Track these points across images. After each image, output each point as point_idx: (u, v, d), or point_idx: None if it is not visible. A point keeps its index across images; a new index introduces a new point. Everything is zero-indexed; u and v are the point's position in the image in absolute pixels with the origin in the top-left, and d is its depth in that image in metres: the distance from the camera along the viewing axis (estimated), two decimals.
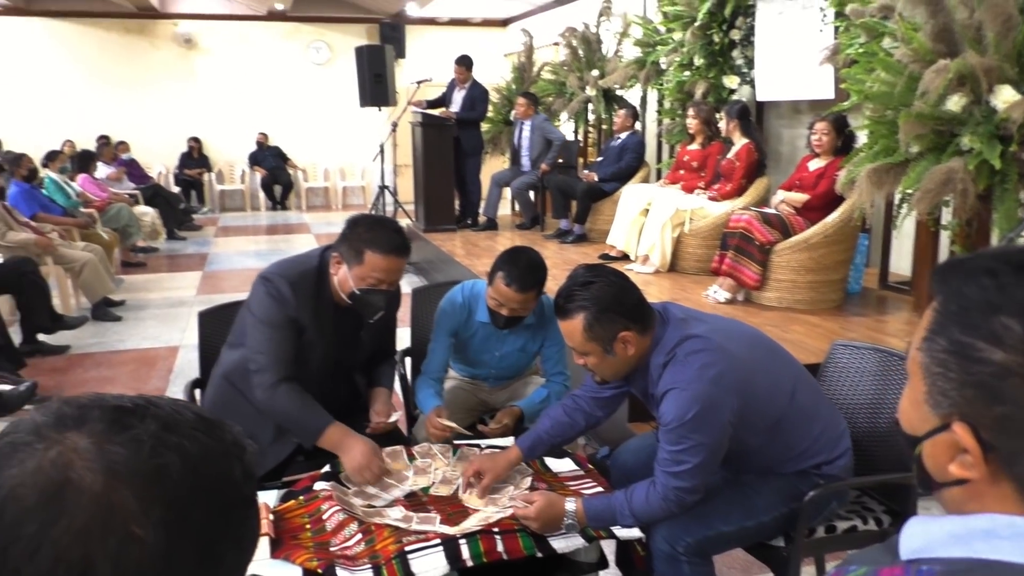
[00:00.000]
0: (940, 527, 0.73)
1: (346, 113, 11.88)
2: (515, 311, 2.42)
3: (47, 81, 11.65)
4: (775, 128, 6.51)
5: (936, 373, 0.74)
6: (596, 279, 1.86)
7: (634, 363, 1.88)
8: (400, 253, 2.19)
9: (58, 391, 4.36)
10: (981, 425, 0.71)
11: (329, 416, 2.15)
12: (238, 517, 0.62)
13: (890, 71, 3.25)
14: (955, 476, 0.74)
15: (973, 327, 0.71)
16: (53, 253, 5.73)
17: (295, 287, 2.19)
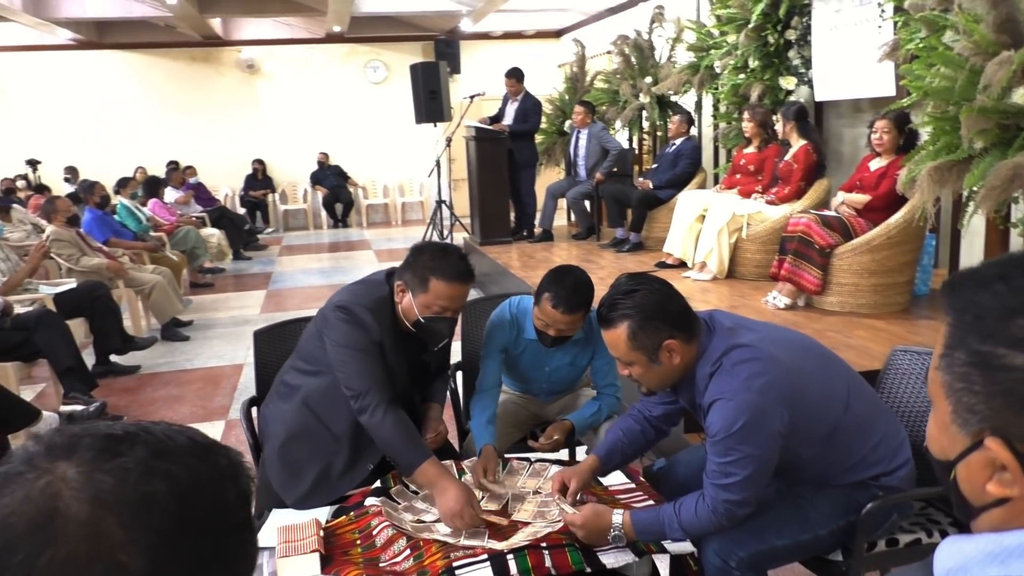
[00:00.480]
0: (975, 545, 0.70)
1: (403, 130, 12.06)
2: (562, 331, 2.40)
3: (119, 110, 12.14)
4: (835, 128, 6.35)
5: (960, 389, 0.70)
6: (640, 287, 1.83)
7: (680, 373, 1.85)
8: (465, 280, 2.20)
9: (128, 410, 4.51)
10: (1016, 436, 0.67)
11: (429, 451, 2.13)
12: (232, 542, 0.62)
13: (950, 65, 3.13)
14: (994, 496, 0.70)
15: (991, 334, 0.68)
16: (124, 277, 5.95)
17: (375, 314, 2.20)
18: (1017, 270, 0.69)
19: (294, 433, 2.28)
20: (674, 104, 7.42)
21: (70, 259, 5.77)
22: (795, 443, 1.78)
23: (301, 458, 2.25)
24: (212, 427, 4.19)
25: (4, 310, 4.30)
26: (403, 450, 2.11)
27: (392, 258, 9.04)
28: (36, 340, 4.20)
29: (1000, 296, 0.68)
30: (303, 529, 1.94)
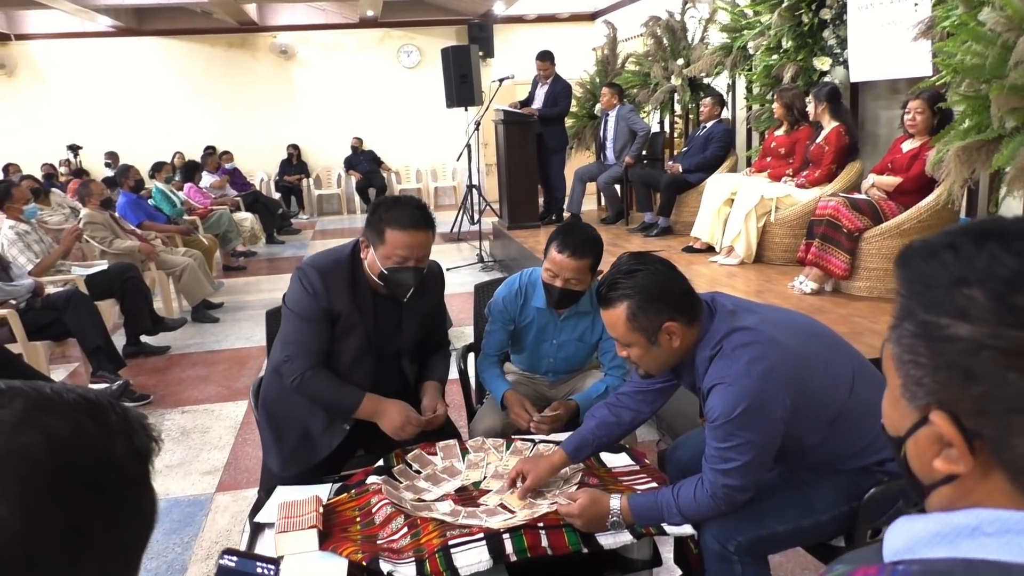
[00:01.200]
0: (923, 525, 0.66)
1: (437, 115, 12.05)
2: (569, 283, 2.37)
3: (158, 96, 12.32)
4: (872, 110, 6.18)
5: (907, 362, 0.67)
6: (641, 267, 1.79)
7: (679, 356, 1.81)
8: (419, 227, 2.20)
9: (156, 389, 4.59)
10: (961, 411, 0.64)
11: (361, 391, 2.25)
12: (118, 497, 0.62)
13: (982, 41, 3.02)
14: (942, 473, 0.67)
15: (937, 304, 0.64)
16: (155, 259, 6.05)
17: (325, 276, 2.24)
18: (967, 239, 0.65)
19: (272, 400, 2.36)
20: (706, 86, 7.29)
21: (103, 241, 5.88)
22: (798, 428, 1.74)
23: (280, 424, 2.33)
24: (236, 407, 4.25)
25: (35, 291, 4.39)
26: (336, 398, 2.25)
27: None
28: (66, 320, 4.29)
29: (948, 266, 0.65)
30: (303, 505, 1.94)
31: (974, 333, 0.62)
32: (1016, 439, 0.61)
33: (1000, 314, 0.61)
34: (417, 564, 1.73)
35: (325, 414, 2.31)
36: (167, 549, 2.85)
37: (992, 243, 0.64)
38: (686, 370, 1.86)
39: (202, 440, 3.84)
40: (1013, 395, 0.61)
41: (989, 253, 0.63)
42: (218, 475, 3.45)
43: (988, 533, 0.62)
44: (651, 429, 3.62)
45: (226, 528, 2.98)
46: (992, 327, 0.61)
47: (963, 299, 0.63)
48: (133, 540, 0.64)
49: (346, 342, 2.29)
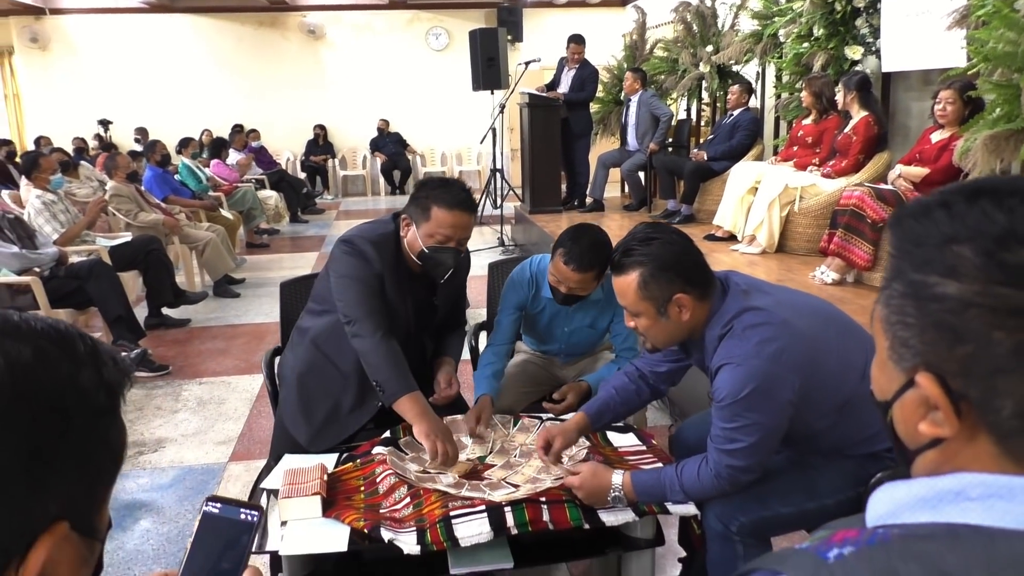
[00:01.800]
0: (907, 490, 0.65)
1: (464, 98, 12.02)
2: (573, 290, 2.36)
3: (188, 73, 12.42)
4: (903, 101, 6.07)
5: (895, 323, 0.65)
6: (657, 236, 1.77)
7: (687, 331, 1.79)
8: (465, 208, 2.19)
9: (175, 360, 4.65)
10: (947, 372, 0.62)
11: (415, 385, 2.14)
12: (83, 425, 0.62)
13: (1015, 29, 2.95)
14: (927, 436, 0.65)
15: (927, 263, 0.63)
16: (179, 233, 6.11)
17: (378, 247, 2.22)
18: (959, 197, 0.63)
19: (303, 372, 2.33)
20: (735, 74, 7.21)
21: (128, 214, 5.95)
22: (807, 412, 1.71)
23: (311, 397, 2.30)
24: (252, 379, 4.29)
25: (59, 259, 4.45)
26: (390, 378, 2.12)
27: None
28: (88, 289, 4.35)
29: (939, 223, 0.63)
30: (308, 473, 1.95)
31: (962, 291, 0.60)
32: (1002, 400, 0.60)
33: (989, 271, 0.59)
34: (418, 533, 1.74)
35: (358, 391, 2.26)
36: (179, 515, 2.89)
37: (984, 200, 0.62)
38: (695, 347, 1.84)
39: (218, 411, 3.89)
40: (1000, 355, 0.59)
41: (981, 210, 0.61)
42: (232, 445, 3.48)
43: (972, 498, 0.60)
44: (663, 413, 3.61)
45: (237, 496, 3.01)
46: (980, 284, 0.59)
47: (952, 257, 0.61)
48: (98, 471, 0.65)
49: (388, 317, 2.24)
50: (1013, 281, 0.59)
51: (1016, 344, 0.58)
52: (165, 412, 3.89)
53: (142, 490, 3.10)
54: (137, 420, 3.79)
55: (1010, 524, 0.58)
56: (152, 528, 2.80)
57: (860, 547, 0.62)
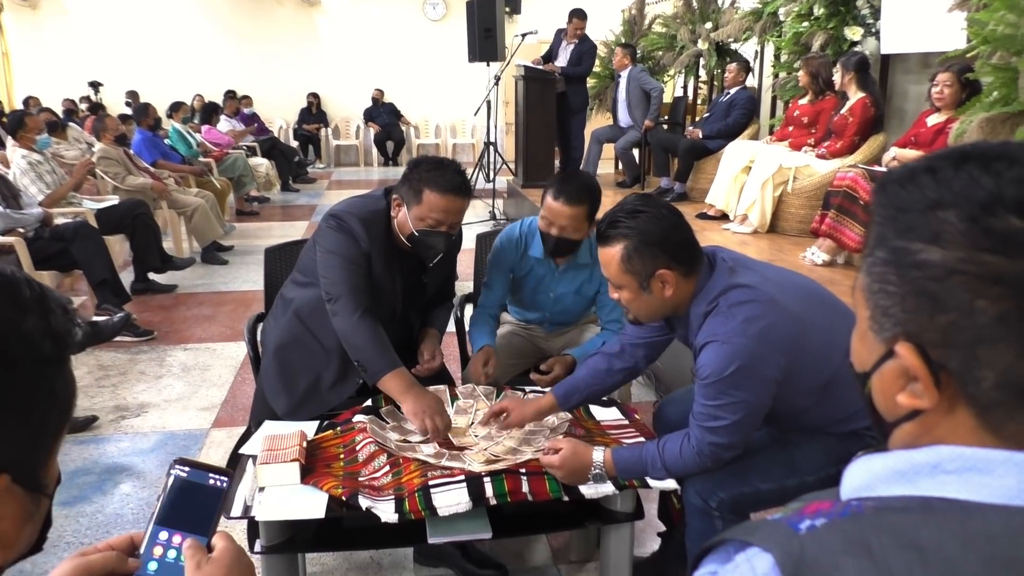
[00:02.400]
0: (883, 463, 0.63)
1: (460, 70, 11.92)
2: (564, 231, 2.33)
3: (180, 37, 12.26)
4: (901, 84, 6.02)
5: (877, 291, 0.64)
6: (645, 209, 1.72)
7: (671, 307, 1.77)
8: (459, 193, 2.15)
9: (161, 326, 4.61)
10: (928, 342, 0.60)
11: (399, 362, 2.11)
12: (26, 372, 0.59)
13: (1015, 11, 2.91)
14: (906, 408, 0.63)
15: (910, 229, 0.60)
16: (167, 198, 6.04)
17: (366, 225, 2.19)
18: (946, 162, 0.61)
19: (286, 344, 2.29)
20: (733, 52, 7.14)
21: (116, 177, 5.88)
22: (791, 391, 1.70)
23: (292, 369, 2.26)
24: (238, 347, 4.26)
25: (44, 221, 4.40)
26: (372, 357, 2.09)
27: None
28: (73, 251, 4.31)
29: (924, 188, 0.61)
30: (287, 439, 1.94)
31: (945, 257, 0.58)
32: (983, 372, 0.58)
33: (973, 237, 0.57)
34: (396, 502, 1.73)
35: (339, 366, 2.23)
36: (160, 480, 2.87)
37: (971, 165, 0.59)
38: (680, 323, 1.82)
39: (202, 377, 3.86)
40: (982, 324, 0.57)
41: (967, 174, 0.59)
42: (215, 411, 3.46)
43: (948, 471, 0.59)
44: (648, 389, 3.60)
45: (219, 462, 2.98)
46: (964, 251, 0.57)
47: (937, 222, 0.59)
48: (43, 420, 0.62)
49: (375, 295, 2.22)
50: (998, 248, 0.56)
51: (1000, 313, 0.56)
52: (149, 377, 3.86)
53: (123, 454, 3.08)
54: (120, 384, 3.76)
55: (986, 498, 0.57)
56: (132, 492, 2.79)
57: (832, 519, 0.61)
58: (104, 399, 3.59)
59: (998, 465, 0.57)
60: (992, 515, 0.55)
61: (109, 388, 3.71)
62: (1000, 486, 0.56)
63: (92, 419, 3.31)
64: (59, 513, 2.63)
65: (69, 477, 2.88)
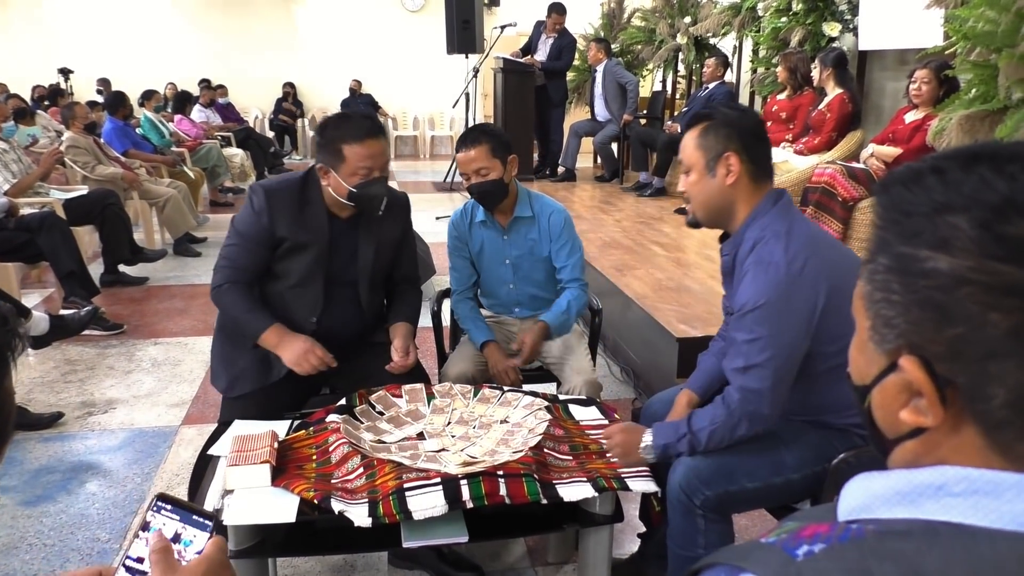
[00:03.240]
0: (883, 483, 0.60)
1: (438, 62, 11.82)
2: (480, 174, 2.41)
3: (154, 23, 12.05)
4: (878, 80, 6.05)
5: (879, 300, 0.60)
6: (741, 109, 1.82)
7: (727, 201, 1.75)
8: (374, 135, 2.17)
9: (131, 319, 4.52)
10: (934, 356, 0.56)
11: (271, 320, 2.21)
12: None
13: (995, 7, 2.90)
14: (908, 425, 0.60)
15: (916, 235, 0.56)
16: (139, 188, 5.92)
17: (271, 195, 2.21)
18: (954, 163, 0.57)
19: (224, 323, 2.35)
20: (711, 47, 7.15)
21: (86, 167, 5.75)
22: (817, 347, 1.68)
23: (236, 341, 2.30)
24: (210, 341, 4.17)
25: (9, 211, 4.28)
26: (245, 319, 2.22)
27: (417, 190, 8.94)
28: (39, 242, 4.20)
29: (931, 191, 0.57)
30: (258, 440, 1.88)
31: (954, 266, 0.54)
32: (994, 388, 0.54)
33: (984, 245, 0.53)
34: (370, 505, 1.68)
35: None
36: (127, 479, 2.80)
37: (983, 166, 0.56)
38: (731, 243, 1.80)
39: (172, 372, 3.78)
40: (994, 338, 0.53)
41: (979, 177, 0.55)
42: (185, 408, 3.39)
43: (955, 493, 0.55)
44: (627, 387, 3.58)
45: (188, 461, 2.92)
46: (974, 259, 0.53)
47: (945, 228, 0.55)
48: None
49: (294, 262, 2.26)
50: (1012, 257, 0.53)
51: (1013, 327, 0.53)
52: (117, 372, 3.77)
53: (89, 452, 3.00)
54: (88, 380, 3.67)
55: (994, 523, 0.53)
56: (98, 492, 2.71)
57: (831, 543, 0.57)
58: (71, 395, 3.50)
59: (1007, 489, 0.54)
60: (1000, 542, 0.52)
61: (76, 383, 3.62)
62: (1009, 511, 0.53)
63: (58, 415, 3.22)
64: (22, 513, 2.55)
65: (33, 475, 2.80)
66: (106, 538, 2.42)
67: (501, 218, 2.55)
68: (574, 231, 2.59)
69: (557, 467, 1.87)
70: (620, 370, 3.69)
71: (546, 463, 1.86)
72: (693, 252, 4.62)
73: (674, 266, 4.23)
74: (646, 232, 5.12)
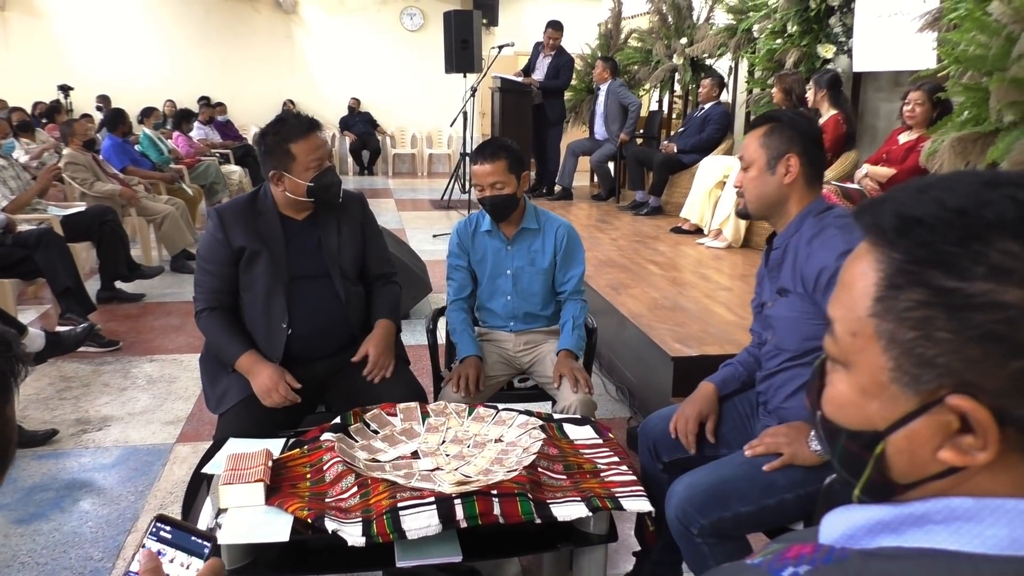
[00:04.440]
0: (865, 513, 0.59)
1: (437, 81, 11.90)
2: (495, 188, 2.48)
3: (154, 41, 12.11)
4: (872, 102, 6.10)
5: (911, 340, 0.57)
6: (806, 118, 1.93)
7: (782, 198, 1.84)
8: (314, 128, 2.28)
9: (127, 336, 4.52)
10: (989, 391, 0.54)
11: (247, 345, 2.29)
12: None
13: (986, 31, 2.94)
14: (947, 465, 0.57)
15: (962, 266, 0.54)
16: (136, 205, 5.93)
17: (222, 214, 2.30)
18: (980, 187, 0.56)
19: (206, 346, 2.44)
20: (707, 67, 7.20)
21: (84, 183, 5.77)
22: None
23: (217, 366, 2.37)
24: None
25: (7, 227, 4.29)
26: (223, 344, 2.30)
27: (415, 208, 8.97)
28: (36, 259, 4.20)
29: (966, 217, 0.55)
30: (252, 458, 1.88)
31: (1020, 297, 0.53)
32: None
33: None
34: (364, 524, 1.68)
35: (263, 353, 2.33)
36: (121, 496, 2.79)
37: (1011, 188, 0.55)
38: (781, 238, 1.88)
39: (167, 390, 3.78)
40: None
41: (1012, 200, 0.54)
42: (180, 425, 3.39)
43: (937, 521, 0.56)
44: (622, 405, 3.58)
45: (183, 478, 2.91)
46: None
47: (999, 256, 0.53)
48: None
49: (255, 271, 2.31)
50: None
51: None
52: (113, 389, 3.77)
53: (83, 469, 2.99)
54: (83, 397, 3.66)
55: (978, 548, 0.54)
56: (91, 510, 2.70)
57: (816, 565, 0.58)
58: (65, 412, 3.49)
59: (988, 514, 0.55)
60: (983, 564, 0.53)
61: (71, 400, 3.61)
62: (991, 535, 0.54)
63: (52, 432, 3.21)
64: (14, 531, 2.54)
65: (26, 493, 2.79)
66: (99, 556, 2.41)
67: (507, 229, 2.61)
68: (580, 245, 2.67)
69: (551, 486, 1.87)
70: (615, 389, 3.69)
71: (540, 482, 1.86)
72: (689, 271, 4.64)
73: (670, 285, 4.25)
74: (642, 251, 5.14)
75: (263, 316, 2.33)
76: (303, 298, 2.35)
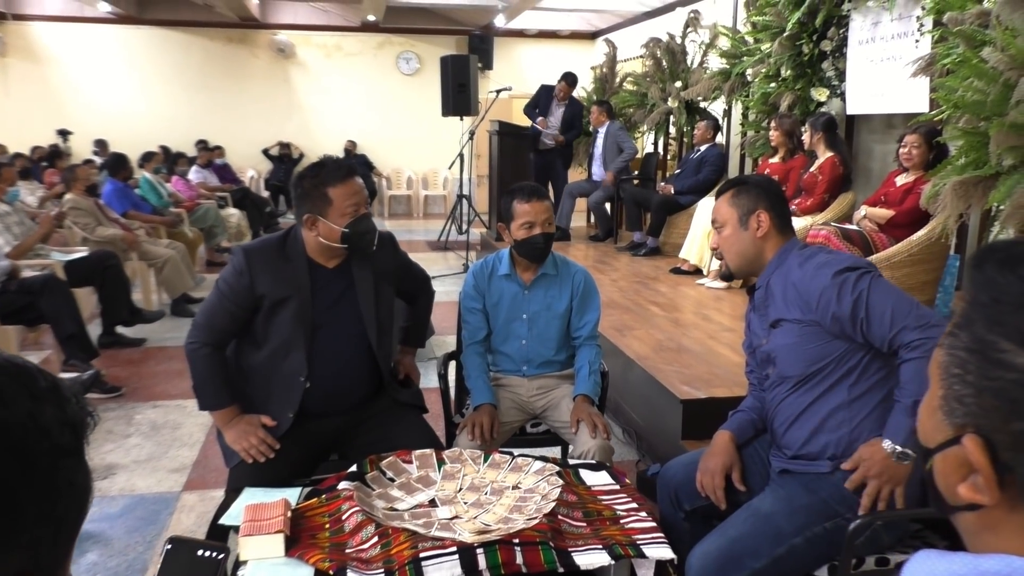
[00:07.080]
0: (947, 566, 0.61)
1: (433, 124, 12.02)
2: (545, 226, 2.53)
3: (152, 86, 12.22)
4: (866, 144, 6.20)
5: (954, 375, 0.61)
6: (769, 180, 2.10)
7: (758, 252, 1.97)
8: (353, 174, 2.27)
9: (129, 382, 4.50)
10: (998, 442, 0.58)
11: (229, 399, 2.26)
12: (46, 465, 0.57)
13: (984, 78, 3.01)
14: (964, 500, 0.61)
15: (1000, 323, 0.58)
16: (138, 249, 5.95)
17: (250, 255, 2.25)
18: None
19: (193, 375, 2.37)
20: (702, 110, 7.31)
21: (86, 228, 5.78)
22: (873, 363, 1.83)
23: None
24: None
25: (11, 273, 4.30)
26: (204, 392, 2.26)
27: (411, 249, 8.96)
28: (40, 305, 4.19)
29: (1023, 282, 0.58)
30: (271, 509, 1.88)
31: None
32: None
33: None
34: (386, 575, 1.67)
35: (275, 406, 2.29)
36: (129, 547, 2.76)
37: None
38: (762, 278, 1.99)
39: (172, 436, 3.76)
40: None
41: None
42: (186, 473, 3.36)
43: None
44: (630, 449, 3.57)
45: (191, 528, 2.89)
46: None
47: None
48: (63, 519, 0.59)
49: (277, 320, 2.26)
50: None
51: None
52: (116, 436, 3.74)
53: (90, 520, 2.94)
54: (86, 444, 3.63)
55: None
56: (100, 561, 2.67)
57: None
58: None
59: None
60: None
61: None
62: None
63: None
64: None
65: None
66: None
67: (525, 274, 2.64)
68: (596, 291, 2.71)
69: (572, 534, 1.86)
70: (622, 431, 3.69)
71: (561, 530, 1.85)
72: (690, 312, 4.66)
73: (672, 326, 4.27)
74: (643, 292, 5.17)
75: (279, 367, 2.28)
76: (326, 351, 2.29)
